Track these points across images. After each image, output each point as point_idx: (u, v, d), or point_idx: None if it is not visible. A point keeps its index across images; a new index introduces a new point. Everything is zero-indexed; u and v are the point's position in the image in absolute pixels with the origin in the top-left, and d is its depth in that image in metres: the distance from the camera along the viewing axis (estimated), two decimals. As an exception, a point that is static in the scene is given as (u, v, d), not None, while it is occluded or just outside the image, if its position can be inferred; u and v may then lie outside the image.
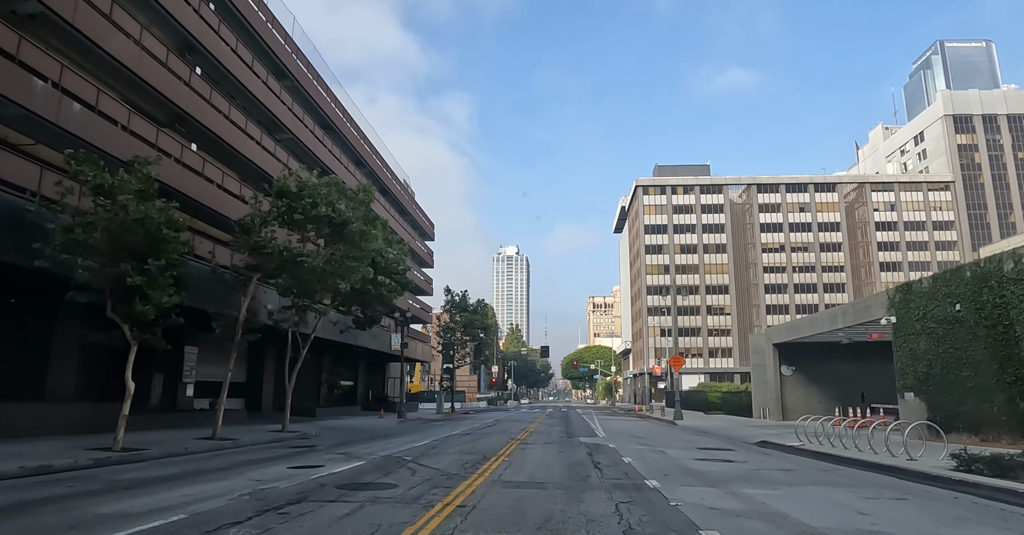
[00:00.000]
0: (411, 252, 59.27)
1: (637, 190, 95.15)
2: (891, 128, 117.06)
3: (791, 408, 35.71)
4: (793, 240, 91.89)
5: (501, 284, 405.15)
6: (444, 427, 30.48)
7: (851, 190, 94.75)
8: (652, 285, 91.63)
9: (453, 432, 26.06)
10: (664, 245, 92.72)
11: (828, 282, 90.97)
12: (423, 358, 60.64)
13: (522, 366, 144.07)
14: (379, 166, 49.64)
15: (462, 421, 38.27)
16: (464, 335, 54.01)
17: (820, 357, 35.88)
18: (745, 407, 43.76)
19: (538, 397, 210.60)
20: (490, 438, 22.34)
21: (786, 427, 27.02)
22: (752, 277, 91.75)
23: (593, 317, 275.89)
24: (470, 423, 34.52)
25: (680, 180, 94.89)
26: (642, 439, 22.41)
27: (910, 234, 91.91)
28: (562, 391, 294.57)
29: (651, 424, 35.11)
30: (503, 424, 33.50)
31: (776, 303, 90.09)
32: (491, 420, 38.88)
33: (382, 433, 25.29)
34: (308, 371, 37.35)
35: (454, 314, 54.17)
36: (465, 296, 55.67)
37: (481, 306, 55.95)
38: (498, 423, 34.53)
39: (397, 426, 31.30)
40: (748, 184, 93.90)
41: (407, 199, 57.45)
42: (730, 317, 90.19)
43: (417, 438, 22.24)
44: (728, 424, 32.60)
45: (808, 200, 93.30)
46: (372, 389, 56.12)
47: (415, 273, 59.57)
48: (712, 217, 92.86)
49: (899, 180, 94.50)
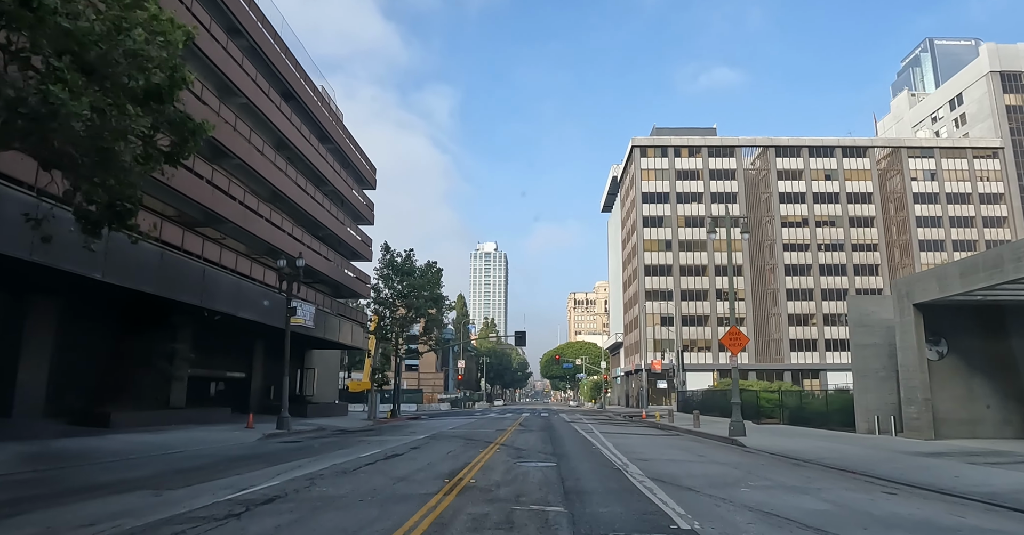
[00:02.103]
0: (341, 200, 43.42)
1: (633, 152, 79.99)
2: (918, 94, 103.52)
3: (943, 417, 20.58)
4: (818, 213, 77.39)
5: (478, 281, 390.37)
6: (317, 455, 15.21)
7: (884, 156, 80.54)
8: (651, 264, 76.49)
9: (295, 474, 10.44)
10: (665, 217, 77.63)
11: (859, 263, 76.60)
12: (355, 344, 44.37)
13: (496, 363, 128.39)
14: (266, 40, 33.20)
15: (379, 436, 22.79)
16: (405, 308, 38.26)
17: (991, 330, 20.82)
18: (824, 414, 28.81)
19: (514, 398, 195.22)
20: (341, 512, 6.46)
21: (974, 453, 12.13)
22: (769, 257, 77.08)
23: (574, 314, 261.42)
24: (381, 445, 18.90)
25: (685, 140, 79.93)
26: (775, 512, 6.74)
27: (953, 208, 77.94)
28: (540, 393, 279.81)
29: (699, 445, 19.79)
30: (441, 445, 18.01)
31: (798, 286, 75.50)
32: (429, 434, 23.35)
33: (132, 476, 9.48)
34: (135, 349, 21.80)
35: (392, 281, 38.44)
36: (410, 257, 39.95)
37: (432, 272, 40.20)
38: (431, 443, 18.90)
39: (234, 448, 15.77)
40: (764, 147, 79.27)
41: (329, 120, 41.44)
42: (744, 303, 75.40)
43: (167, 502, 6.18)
44: (847, 448, 17.33)
45: (835, 166, 78.89)
46: (276, 384, 40.06)
47: (350, 231, 43.76)
48: (722, 184, 78.05)
49: (940, 145, 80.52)
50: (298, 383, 43.05)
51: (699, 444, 20.42)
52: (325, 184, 40.11)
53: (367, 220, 48.76)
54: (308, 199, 36.29)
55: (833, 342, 73.81)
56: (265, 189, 32.03)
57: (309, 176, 37.37)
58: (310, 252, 36.81)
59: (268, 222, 30.12)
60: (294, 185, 33.96)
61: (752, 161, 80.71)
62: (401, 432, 25.66)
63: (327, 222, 39.44)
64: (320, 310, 37.79)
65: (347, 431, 26.43)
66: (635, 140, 79.94)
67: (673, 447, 18.80)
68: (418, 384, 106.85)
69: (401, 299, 38.18)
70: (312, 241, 37.18)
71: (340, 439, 21.70)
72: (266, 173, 30.56)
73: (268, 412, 36.78)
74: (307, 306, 33.52)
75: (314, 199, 37.02)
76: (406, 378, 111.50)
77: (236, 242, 29.44)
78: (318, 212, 37.90)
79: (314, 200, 37.01)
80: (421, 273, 39.28)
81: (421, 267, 39.75)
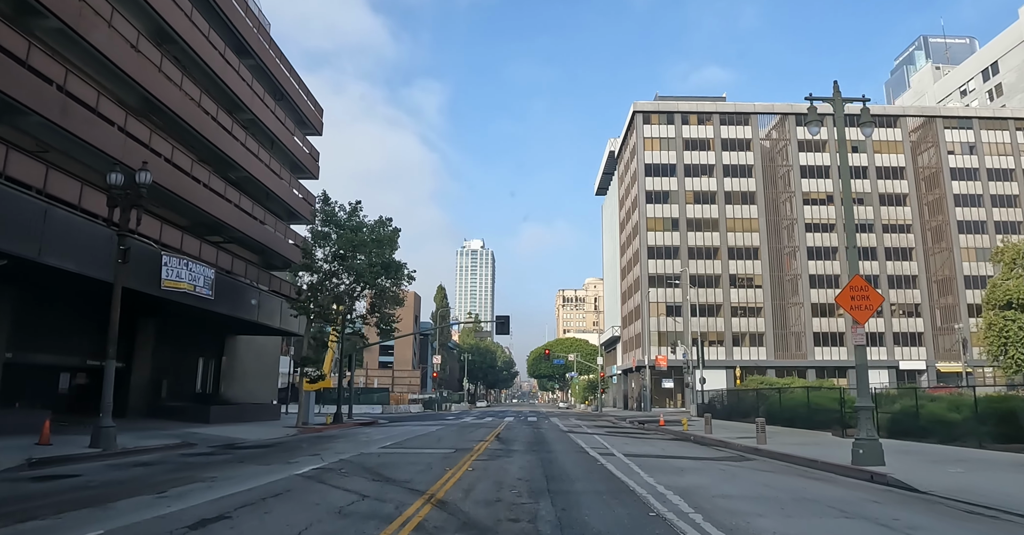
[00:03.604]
0: (271, 140, 33.49)
1: (635, 119, 70.20)
2: (943, 68, 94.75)
3: None
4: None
5: (464, 280, 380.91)
6: None
7: (916, 128, 71.37)
8: (655, 245, 66.75)
9: None
10: (671, 192, 67.91)
11: (891, 246, 67.34)
12: (298, 331, 33.72)
13: (480, 361, 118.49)
14: None
15: (240, 468, 12.57)
16: (345, 273, 28.26)
17: None
18: (957, 424, 19.32)
19: (500, 399, 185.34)
20: None
21: None
22: (789, 238, 67.63)
23: (563, 312, 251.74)
24: (186, 498, 8.68)
25: (694, 105, 70.30)
26: None
27: (995, 186, 68.92)
28: (527, 393, 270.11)
29: (824, 488, 9.85)
30: (310, 498, 7.86)
31: (822, 272, 66.07)
32: (331, 462, 13.25)
33: None
34: None
35: (330, 239, 28.44)
36: (356, 210, 30.00)
37: (384, 231, 30.14)
38: (299, 491, 8.76)
39: None
40: (783, 114, 69.81)
41: (249, 28, 31.07)
42: (761, 291, 65.88)
43: None
44: None
45: (862, 137, 69.50)
46: (174, 378, 29.84)
47: (284, 183, 33.91)
48: (736, 156, 68.51)
49: (979, 114, 71.48)
50: (209, 377, 32.89)
51: (820, 484, 10.72)
52: (241, 110, 30.00)
53: (310, 173, 38.61)
54: (208, 121, 26.16)
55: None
56: (130, 92, 21.89)
57: (214, 94, 27.26)
58: (214, 197, 26.72)
59: (121, 131, 19.96)
60: (179, 92, 23.80)
61: (768, 132, 71.29)
62: (301, 454, 15.67)
63: (244, 162, 29.33)
64: (233, 278, 27.74)
65: (213, 453, 16.35)
66: (637, 104, 70.16)
67: (791, 496, 8.98)
68: (392, 383, 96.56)
69: (340, 264, 28.10)
70: (219, 182, 27.08)
71: (150, 474, 11.68)
72: (122, 62, 20.43)
73: (159, 416, 26.76)
74: (198, 267, 23.47)
75: (218, 122, 26.90)
76: (378, 376, 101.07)
77: (70, 160, 19.28)
78: (227, 143, 27.78)
79: (218, 124, 26.90)
80: (370, 230, 29.22)
81: (370, 224, 29.70)
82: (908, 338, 65.11)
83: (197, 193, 25.40)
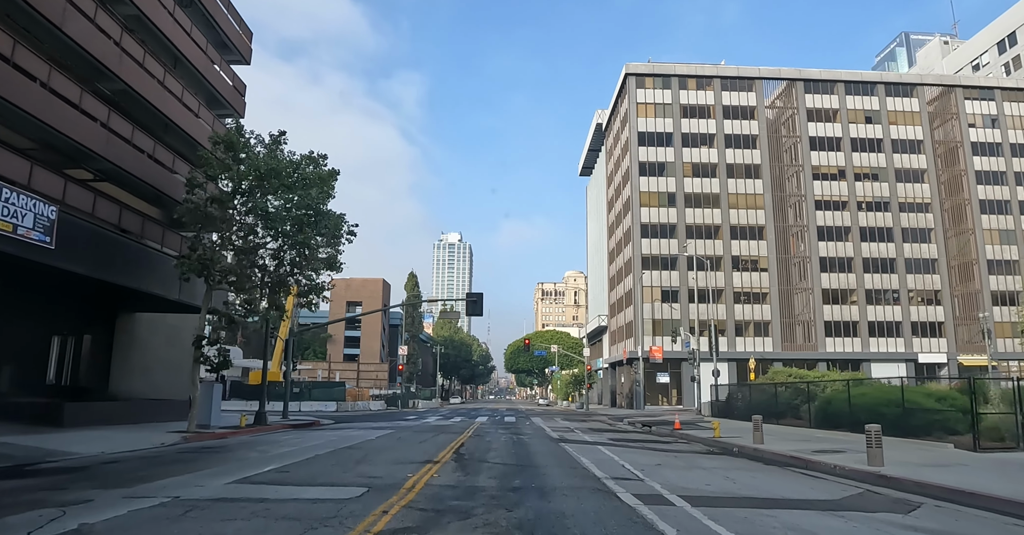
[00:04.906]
0: (175, 59, 25.38)
1: (627, 82, 62.80)
2: (952, 42, 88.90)
3: None
4: (857, 163, 61.39)
5: (442, 273, 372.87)
6: None
7: (934, 99, 65.01)
8: (649, 223, 59.53)
9: None
10: (668, 163, 60.71)
11: (909, 226, 60.91)
12: (186, 300, 25.54)
13: (455, 354, 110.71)
14: None
15: None
16: (247, 215, 20.51)
17: None
18: None
19: (476, 395, 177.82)
20: None
21: None
22: (797, 217, 60.90)
23: (542, 306, 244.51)
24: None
25: (693, 69, 63.11)
26: None
27: (1019, 162, 62.88)
28: (504, 389, 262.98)
29: None
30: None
31: (833, 254, 59.44)
32: (120, 512, 5.26)
33: None
34: None
35: (231, 171, 20.61)
36: (279, 141, 22.19)
37: (313, 170, 22.27)
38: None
39: None
40: (790, 80, 62.94)
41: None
42: (765, 275, 59.07)
43: None
44: None
45: (877, 106, 63.04)
46: (27, 367, 21.88)
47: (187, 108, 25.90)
48: (739, 125, 61.53)
49: (1002, 85, 65.39)
50: (68, 365, 24.82)
51: None
52: (121, 2, 21.98)
53: (234, 109, 30.55)
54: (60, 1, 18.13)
55: (878, 325, 57.93)
56: None
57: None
58: (63, 106, 18.71)
59: None
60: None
61: (773, 101, 64.44)
62: (67, 494, 7.94)
63: (120, 69, 21.32)
64: (113, 233, 19.85)
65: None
66: (629, 66, 62.75)
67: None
68: (357, 377, 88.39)
69: (247, 210, 20.27)
70: (73, 88, 19.10)
71: None
72: None
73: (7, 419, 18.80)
74: (24, 199, 15.54)
75: (76, 7, 18.87)
76: (342, 369, 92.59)
77: None
78: (90, 37, 19.78)
79: (76, 8, 18.87)
80: (294, 167, 21.41)
81: (295, 160, 21.88)
82: (927, 328, 58.74)
83: (31, 96, 17.41)
